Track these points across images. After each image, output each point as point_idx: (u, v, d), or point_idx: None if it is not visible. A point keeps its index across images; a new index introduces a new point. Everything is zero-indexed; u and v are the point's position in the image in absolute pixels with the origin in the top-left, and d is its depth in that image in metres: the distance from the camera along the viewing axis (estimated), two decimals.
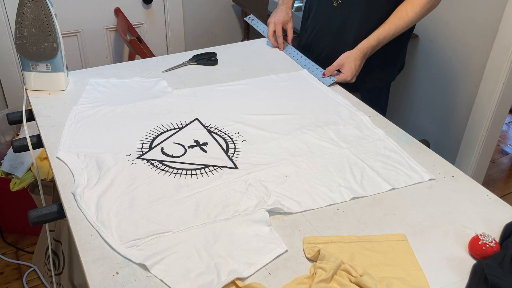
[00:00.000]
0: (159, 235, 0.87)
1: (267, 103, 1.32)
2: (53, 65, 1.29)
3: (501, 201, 1.00)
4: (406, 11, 1.41)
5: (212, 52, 1.56)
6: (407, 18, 1.41)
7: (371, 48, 1.43)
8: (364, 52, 1.42)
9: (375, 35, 1.42)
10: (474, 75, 2.09)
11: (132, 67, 1.48)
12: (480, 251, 0.85)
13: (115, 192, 0.97)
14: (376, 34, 1.42)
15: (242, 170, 1.05)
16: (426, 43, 2.28)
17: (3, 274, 1.94)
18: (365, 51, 1.42)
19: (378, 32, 1.43)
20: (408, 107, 2.47)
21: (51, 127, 1.17)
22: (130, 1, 2.54)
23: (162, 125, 1.20)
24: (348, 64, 1.40)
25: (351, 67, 1.40)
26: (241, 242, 0.87)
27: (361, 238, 0.89)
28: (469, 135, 2.17)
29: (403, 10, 1.42)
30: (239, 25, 2.95)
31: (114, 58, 2.65)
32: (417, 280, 0.81)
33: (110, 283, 0.78)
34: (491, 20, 1.96)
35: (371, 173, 1.06)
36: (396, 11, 1.43)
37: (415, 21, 1.43)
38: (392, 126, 1.24)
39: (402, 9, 1.42)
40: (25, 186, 1.89)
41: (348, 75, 1.40)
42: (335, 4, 1.49)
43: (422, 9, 1.39)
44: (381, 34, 1.42)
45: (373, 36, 1.42)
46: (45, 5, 1.21)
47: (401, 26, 1.42)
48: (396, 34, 1.43)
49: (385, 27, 1.42)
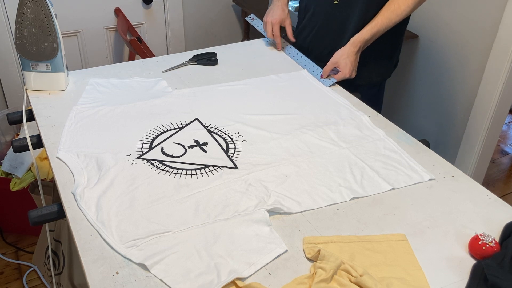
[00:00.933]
0: (159, 235, 0.87)
1: (267, 103, 1.32)
2: (53, 65, 1.29)
3: (501, 201, 1.00)
4: (398, 4, 1.41)
5: (212, 52, 1.56)
6: (399, 11, 1.42)
7: (363, 42, 1.42)
8: (357, 46, 1.41)
9: (368, 28, 1.42)
10: (474, 75, 2.09)
11: (132, 67, 1.48)
12: (480, 251, 0.85)
13: (115, 192, 0.97)
14: (369, 27, 1.42)
15: (242, 170, 1.05)
16: (426, 43, 2.28)
17: (3, 274, 1.94)
18: (358, 45, 1.41)
19: (371, 25, 1.42)
20: (408, 107, 2.47)
21: (51, 127, 1.17)
22: (130, 1, 2.54)
23: (162, 125, 1.20)
24: (343, 61, 1.40)
25: (346, 63, 1.40)
26: (241, 242, 0.87)
27: (361, 238, 0.89)
28: (469, 135, 2.17)
29: (396, 3, 1.42)
30: (239, 25, 2.95)
31: (114, 58, 2.65)
32: (417, 280, 0.81)
33: (110, 283, 0.78)
34: (491, 20, 1.96)
35: (371, 173, 1.06)
36: (388, 4, 1.43)
37: (407, 14, 1.44)
38: (392, 126, 1.24)
39: (395, 2, 1.42)
40: (25, 186, 1.89)
41: (346, 72, 1.40)
42: (336, 2, 1.49)
43: (414, 2, 1.40)
44: (374, 27, 1.42)
45: (366, 30, 1.42)
46: (45, 5, 1.21)
47: (393, 19, 1.42)
48: (389, 27, 1.44)
49: (378, 20, 1.42)
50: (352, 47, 1.41)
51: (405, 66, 2.42)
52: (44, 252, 1.71)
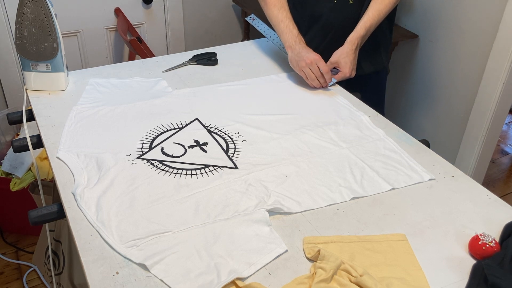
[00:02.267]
0: (159, 235, 0.87)
1: (267, 103, 1.32)
2: (53, 65, 1.29)
3: (501, 201, 1.00)
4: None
5: (212, 52, 1.56)
6: (388, 1, 1.43)
7: (360, 39, 1.42)
8: (355, 44, 1.41)
9: (361, 24, 1.42)
10: (474, 75, 2.09)
11: (132, 67, 1.48)
12: (480, 251, 0.85)
13: (115, 192, 0.97)
14: (362, 23, 1.42)
15: (242, 170, 1.05)
16: (426, 43, 2.28)
17: (3, 274, 1.94)
18: (355, 43, 1.41)
19: (363, 21, 1.43)
20: (408, 107, 2.47)
21: (51, 127, 1.17)
22: (130, 1, 2.54)
23: (162, 125, 1.20)
24: (342, 60, 1.39)
25: (346, 62, 1.39)
26: (241, 242, 0.87)
27: (361, 238, 0.89)
28: (469, 135, 2.17)
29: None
30: (239, 25, 2.95)
31: (114, 58, 2.65)
32: (417, 280, 0.81)
33: (110, 283, 0.78)
34: (491, 20, 1.96)
35: (371, 173, 1.06)
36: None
37: (396, 2, 1.44)
38: (392, 126, 1.24)
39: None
40: (25, 186, 1.89)
41: (347, 71, 1.39)
42: (351, 2, 1.48)
43: None
44: (367, 22, 1.42)
45: (360, 26, 1.42)
46: (45, 5, 1.21)
47: (384, 10, 1.43)
48: (381, 19, 1.44)
49: (369, 14, 1.43)
50: (351, 45, 1.40)
51: (405, 66, 2.42)
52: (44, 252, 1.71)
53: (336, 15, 1.52)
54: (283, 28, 1.45)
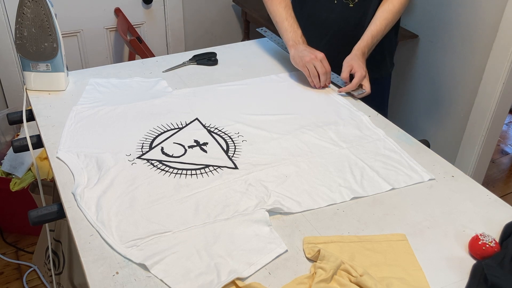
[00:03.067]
0: (159, 235, 0.87)
1: (267, 103, 1.32)
2: (53, 65, 1.29)
3: (501, 201, 1.00)
4: (392, 3, 1.42)
5: (212, 52, 1.56)
6: (394, 9, 1.42)
7: (367, 47, 1.42)
8: (363, 51, 1.41)
9: (368, 33, 1.42)
10: (474, 75, 2.09)
11: (132, 67, 1.48)
12: (480, 251, 0.85)
13: (115, 192, 0.97)
14: (369, 32, 1.42)
15: (242, 170, 1.05)
16: (426, 43, 2.28)
17: (3, 274, 1.94)
18: (364, 50, 1.41)
19: (370, 30, 1.42)
20: (408, 107, 2.47)
21: (51, 127, 1.17)
22: (130, 1, 2.54)
23: (162, 125, 1.20)
24: (355, 63, 1.36)
25: (359, 64, 1.37)
26: (241, 242, 0.87)
27: (361, 238, 0.89)
28: (469, 135, 2.17)
29: (390, 3, 1.42)
30: (239, 25, 2.95)
31: (114, 58, 2.65)
32: (417, 280, 0.81)
33: (110, 283, 0.78)
34: (491, 20, 1.96)
35: (371, 173, 1.06)
36: (382, 5, 1.43)
37: (402, 10, 1.44)
38: (392, 126, 1.24)
39: (388, 2, 1.43)
40: (25, 186, 1.89)
41: (362, 71, 1.35)
42: (352, 5, 1.48)
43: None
44: (374, 31, 1.42)
45: (367, 35, 1.42)
46: (45, 5, 1.21)
47: (390, 19, 1.43)
48: (388, 28, 1.44)
49: (376, 23, 1.42)
50: (359, 52, 1.40)
51: (405, 66, 2.42)
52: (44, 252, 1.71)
53: (335, 17, 1.52)
54: (287, 27, 1.44)
